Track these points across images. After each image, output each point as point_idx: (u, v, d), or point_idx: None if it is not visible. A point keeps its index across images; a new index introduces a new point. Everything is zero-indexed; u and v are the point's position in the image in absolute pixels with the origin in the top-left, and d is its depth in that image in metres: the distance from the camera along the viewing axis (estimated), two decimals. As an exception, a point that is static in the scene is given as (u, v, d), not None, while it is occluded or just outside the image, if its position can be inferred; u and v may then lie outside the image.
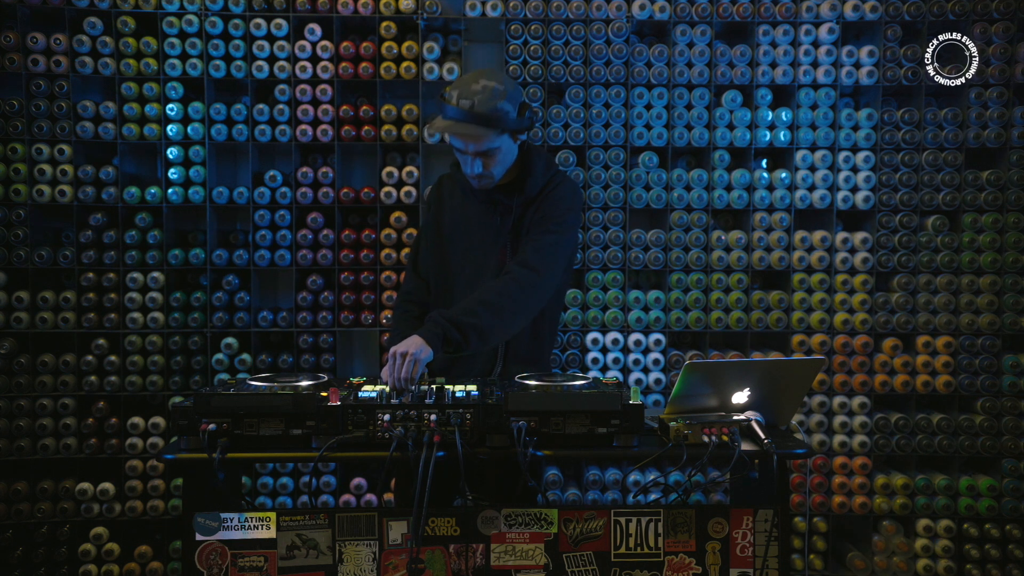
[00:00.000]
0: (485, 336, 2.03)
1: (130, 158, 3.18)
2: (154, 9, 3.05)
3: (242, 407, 1.75)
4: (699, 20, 3.10)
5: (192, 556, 1.79)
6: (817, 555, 3.18)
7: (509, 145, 2.13)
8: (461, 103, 2.04)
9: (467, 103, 2.03)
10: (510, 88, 2.08)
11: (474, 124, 2.03)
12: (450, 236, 2.31)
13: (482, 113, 2.03)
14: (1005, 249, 3.12)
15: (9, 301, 3.04)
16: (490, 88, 2.04)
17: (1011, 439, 3.12)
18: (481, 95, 2.03)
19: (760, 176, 3.17)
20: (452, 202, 2.33)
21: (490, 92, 2.04)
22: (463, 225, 2.28)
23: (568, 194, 2.24)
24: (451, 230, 2.31)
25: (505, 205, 2.22)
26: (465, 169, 2.16)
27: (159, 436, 3.10)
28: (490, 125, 2.04)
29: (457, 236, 2.29)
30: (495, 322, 2.04)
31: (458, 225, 2.29)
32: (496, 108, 2.04)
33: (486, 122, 2.03)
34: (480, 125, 2.03)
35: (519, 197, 2.21)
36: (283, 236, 3.13)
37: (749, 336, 3.18)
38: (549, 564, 1.83)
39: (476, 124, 2.03)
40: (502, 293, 2.06)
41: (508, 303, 2.06)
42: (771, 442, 1.77)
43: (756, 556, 1.86)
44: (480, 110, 2.03)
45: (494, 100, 2.04)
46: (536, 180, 2.20)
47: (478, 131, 2.04)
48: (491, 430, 1.76)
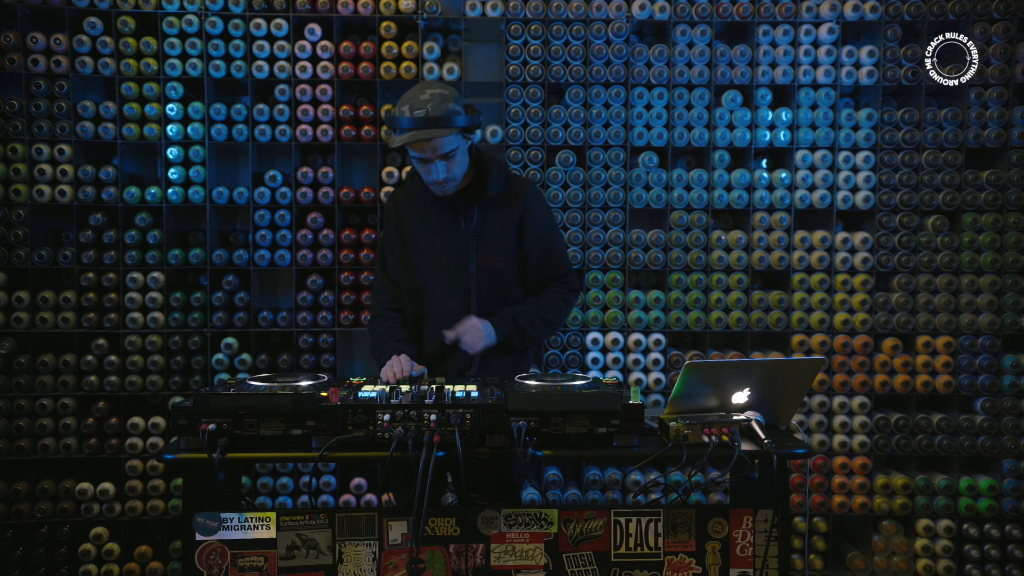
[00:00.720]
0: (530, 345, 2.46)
1: (130, 158, 3.18)
2: (154, 9, 3.05)
3: (242, 407, 1.75)
4: (699, 20, 3.10)
5: (192, 556, 1.79)
6: (817, 555, 3.18)
7: (464, 146, 2.26)
8: (415, 113, 2.15)
9: (421, 111, 2.14)
10: (455, 93, 2.21)
11: (433, 128, 2.14)
12: (415, 246, 2.40)
13: (438, 117, 2.14)
14: (1005, 249, 3.12)
15: (9, 301, 3.04)
16: (438, 94, 2.17)
17: (1011, 439, 3.12)
18: (432, 102, 2.15)
19: (760, 176, 3.17)
20: (412, 213, 2.43)
21: (439, 97, 2.16)
22: (427, 234, 2.39)
23: (542, 201, 2.48)
24: (416, 240, 2.41)
25: (466, 209, 2.34)
26: (430, 177, 2.25)
27: (159, 436, 3.10)
28: (447, 125, 2.15)
29: (423, 245, 2.39)
30: (541, 335, 2.45)
31: (422, 234, 2.40)
32: (449, 110, 2.16)
33: (443, 123, 2.15)
34: (438, 127, 2.14)
35: (480, 200, 2.33)
36: (283, 236, 3.13)
37: (749, 336, 3.18)
38: (549, 564, 1.84)
39: (434, 127, 2.14)
40: (558, 312, 2.44)
41: (556, 321, 2.45)
42: (771, 442, 1.77)
43: (756, 556, 1.86)
44: (435, 114, 2.14)
45: (445, 103, 2.16)
46: (494, 180, 2.34)
47: (438, 133, 2.15)
48: (491, 430, 1.76)
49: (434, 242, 2.38)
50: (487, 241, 2.35)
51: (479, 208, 2.33)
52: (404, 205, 2.46)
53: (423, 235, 2.39)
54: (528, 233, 2.38)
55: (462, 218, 2.34)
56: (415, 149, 2.19)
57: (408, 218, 2.43)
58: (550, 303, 2.43)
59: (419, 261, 2.40)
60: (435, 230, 2.38)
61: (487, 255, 2.35)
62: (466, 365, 2.36)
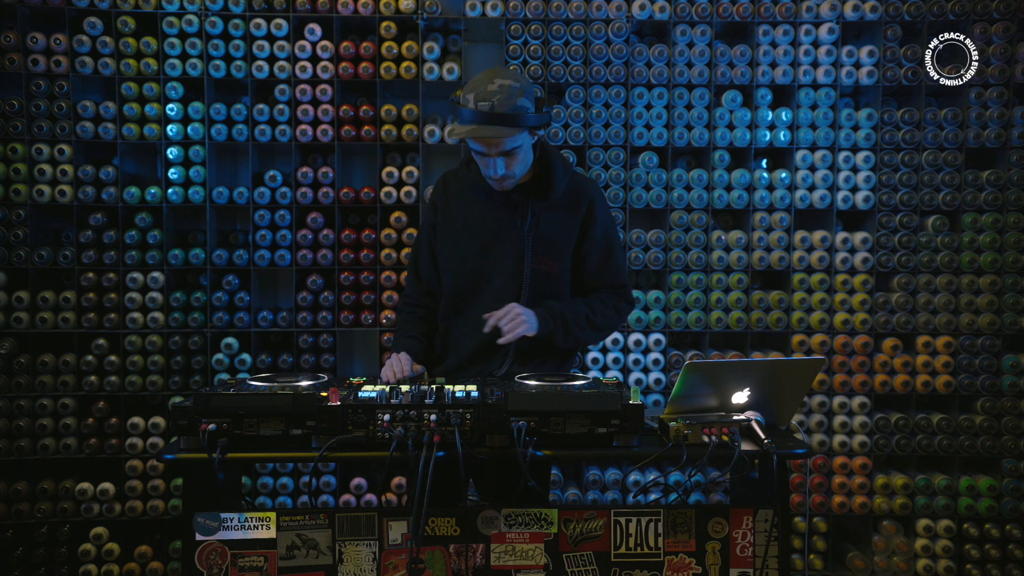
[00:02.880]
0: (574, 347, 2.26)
1: (130, 158, 3.18)
2: (154, 9, 3.06)
3: (242, 407, 1.75)
4: (699, 20, 3.10)
5: (192, 556, 1.79)
6: (817, 555, 3.18)
7: (528, 143, 2.10)
8: (480, 105, 1.98)
9: (486, 104, 1.98)
10: (526, 85, 2.04)
11: (497, 125, 1.99)
12: (466, 237, 2.23)
13: (503, 113, 1.98)
14: (1005, 249, 3.12)
15: (9, 301, 3.04)
16: (507, 87, 2.00)
17: (1011, 439, 3.12)
18: (500, 95, 1.98)
19: (760, 176, 3.17)
20: (463, 201, 2.25)
21: (508, 91, 1.99)
22: (480, 225, 2.21)
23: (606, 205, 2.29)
24: (467, 230, 2.23)
25: (524, 206, 2.17)
26: (487, 171, 2.10)
27: (159, 436, 3.10)
28: (513, 124, 1.99)
29: (474, 237, 2.22)
30: (587, 338, 2.24)
31: (474, 225, 2.22)
32: (517, 106, 2.00)
33: (509, 121, 1.99)
34: (503, 125, 1.99)
35: (542, 201, 2.17)
36: (283, 236, 3.13)
37: (749, 336, 3.18)
38: (549, 564, 1.83)
39: (499, 124, 1.99)
40: (608, 319, 2.23)
41: (606, 328, 2.25)
42: (771, 442, 1.76)
43: (756, 556, 1.86)
44: (501, 110, 1.98)
45: (513, 98, 1.99)
46: (559, 184, 2.18)
47: (502, 131, 1.99)
48: (491, 430, 1.76)
49: (488, 235, 2.19)
50: (544, 243, 2.18)
51: (539, 210, 2.17)
52: (456, 191, 2.27)
53: (477, 226, 2.21)
54: (589, 238, 2.22)
55: (519, 215, 2.17)
56: (476, 141, 2.04)
57: (460, 206, 2.24)
58: (601, 307, 2.23)
59: (471, 252, 2.21)
60: (489, 223, 2.20)
61: (542, 257, 2.18)
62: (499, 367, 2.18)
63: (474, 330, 2.18)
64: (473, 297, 2.22)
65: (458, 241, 2.24)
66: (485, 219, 2.21)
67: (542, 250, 2.18)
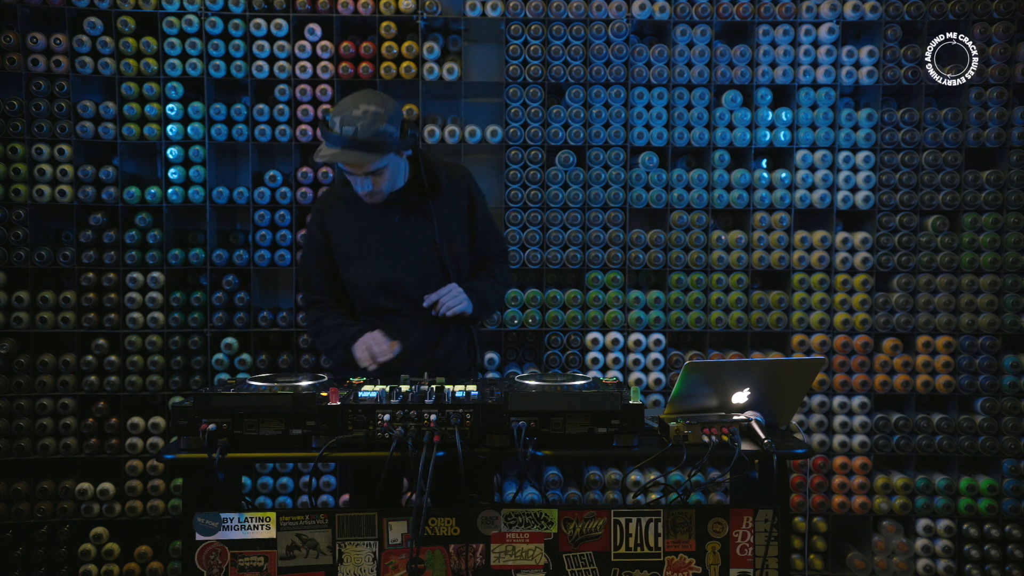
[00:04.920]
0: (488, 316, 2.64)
1: (130, 158, 3.18)
2: (154, 9, 3.05)
3: (242, 407, 1.75)
4: (699, 20, 3.10)
5: (192, 556, 1.79)
6: (817, 555, 3.18)
7: (396, 161, 2.21)
8: (344, 130, 2.08)
9: (350, 130, 2.07)
10: (391, 109, 2.14)
11: (358, 151, 2.08)
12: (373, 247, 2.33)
13: (365, 140, 2.08)
14: (1005, 249, 3.12)
15: (9, 301, 3.04)
16: (371, 112, 2.09)
17: (1011, 439, 3.12)
18: (363, 120, 2.08)
19: (760, 176, 3.17)
20: (355, 216, 2.34)
21: (371, 116, 2.08)
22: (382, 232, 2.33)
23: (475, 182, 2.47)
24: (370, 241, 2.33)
25: (418, 204, 2.32)
26: (356, 188, 2.23)
27: (159, 436, 3.10)
28: (374, 150, 2.10)
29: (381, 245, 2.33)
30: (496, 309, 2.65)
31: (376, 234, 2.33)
32: (379, 132, 2.09)
33: (370, 148, 2.09)
34: (364, 151, 2.09)
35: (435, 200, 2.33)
36: (283, 236, 3.13)
37: (749, 336, 3.18)
38: (549, 564, 1.84)
39: (360, 151, 2.08)
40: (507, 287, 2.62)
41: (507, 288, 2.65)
42: (771, 442, 1.77)
43: (756, 556, 1.86)
44: (363, 137, 2.08)
45: (376, 124, 2.09)
46: (443, 180, 2.34)
47: (363, 157, 2.10)
48: (491, 430, 1.76)
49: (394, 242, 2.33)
50: (449, 231, 2.36)
51: (436, 207, 2.33)
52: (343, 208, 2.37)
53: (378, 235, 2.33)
54: (476, 216, 2.42)
55: (415, 214, 2.33)
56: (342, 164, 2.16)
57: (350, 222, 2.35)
58: (502, 277, 2.51)
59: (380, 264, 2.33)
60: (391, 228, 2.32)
61: (451, 245, 2.37)
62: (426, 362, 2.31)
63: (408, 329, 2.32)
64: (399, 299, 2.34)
65: (358, 254, 2.34)
66: (381, 227, 2.32)
67: (448, 236, 2.36)
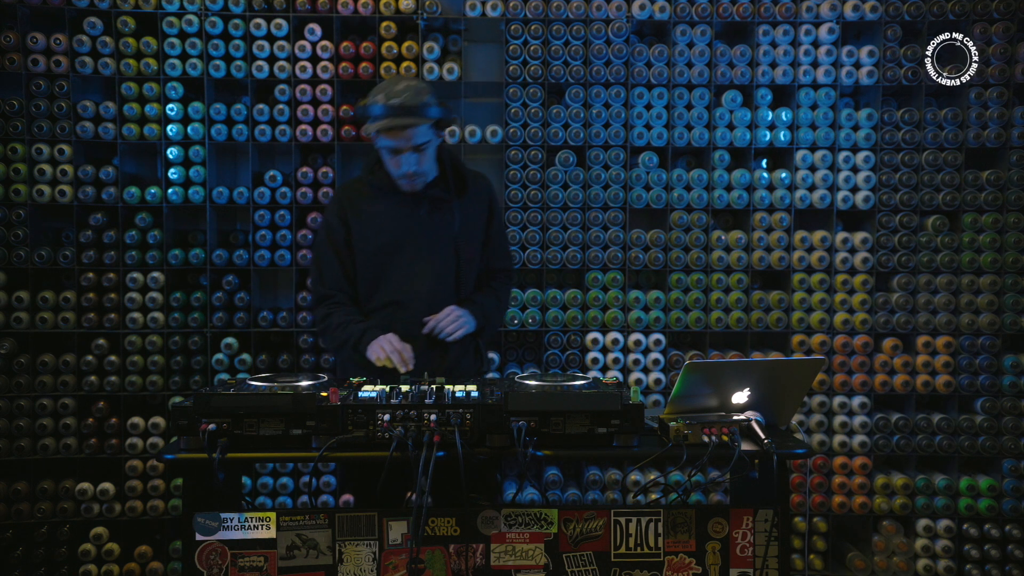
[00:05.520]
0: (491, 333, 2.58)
1: (130, 158, 3.18)
2: (154, 9, 3.05)
3: (242, 407, 1.75)
4: (699, 20, 3.10)
5: (192, 556, 1.79)
6: (817, 555, 3.18)
7: (435, 141, 2.28)
8: (391, 101, 2.16)
9: (396, 100, 2.16)
10: (430, 87, 2.25)
11: (408, 116, 2.16)
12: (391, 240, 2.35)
13: (413, 106, 2.16)
14: (1005, 249, 3.12)
15: (9, 301, 3.04)
16: (412, 86, 2.20)
17: (1011, 439, 3.12)
18: (406, 92, 2.17)
19: (760, 176, 3.17)
20: (375, 208, 2.36)
21: (413, 88, 2.19)
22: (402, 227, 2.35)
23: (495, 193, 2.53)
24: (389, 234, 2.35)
25: (442, 201, 2.35)
26: (400, 170, 2.26)
27: (159, 436, 3.10)
28: (421, 115, 2.17)
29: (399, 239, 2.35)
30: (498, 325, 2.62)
31: (395, 228, 2.35)
32: (424, 101, 2.19)
33: (418, 112, 2.17)
34: (413, 116, 2.16)
35: (460, 197, 2.37)
36: (283, 236, 3.13)
37: (749, 336, 3.18)
38: (549, 564, 1.83)
39: (410, 116, 2.16)
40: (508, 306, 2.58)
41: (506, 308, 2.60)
42: (771, 442, 1.77)
43: (756, 556, 1.86)
44: (410, 103, 2.16)
45: (420, 95, 2.19)
46: (469, 180, 2.40)
47: (413, 121, 2.16)
48: (491, 430, 1.76)
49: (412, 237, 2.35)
50: (467, 234, 2.39)
51: (459, 206, 2.36)
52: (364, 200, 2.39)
53: (397, 229, 2.35)
54: (492, 227, 2.46)
55: (437, 210, 2.36)
56: (389, 137, 2.20)
57: (371, 214, 2.37)
58: (504, 295, 2.54)
59: (397, 257, 2.36)
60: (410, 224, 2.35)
61: (466, 247, 2.39)
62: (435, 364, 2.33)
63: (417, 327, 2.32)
64: (412, 295, 2.35)
65: (381, 246, 2.36)
66: (407, 218, 2.35)
67: (466, 239, 2.39)
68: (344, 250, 2.38)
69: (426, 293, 2.35)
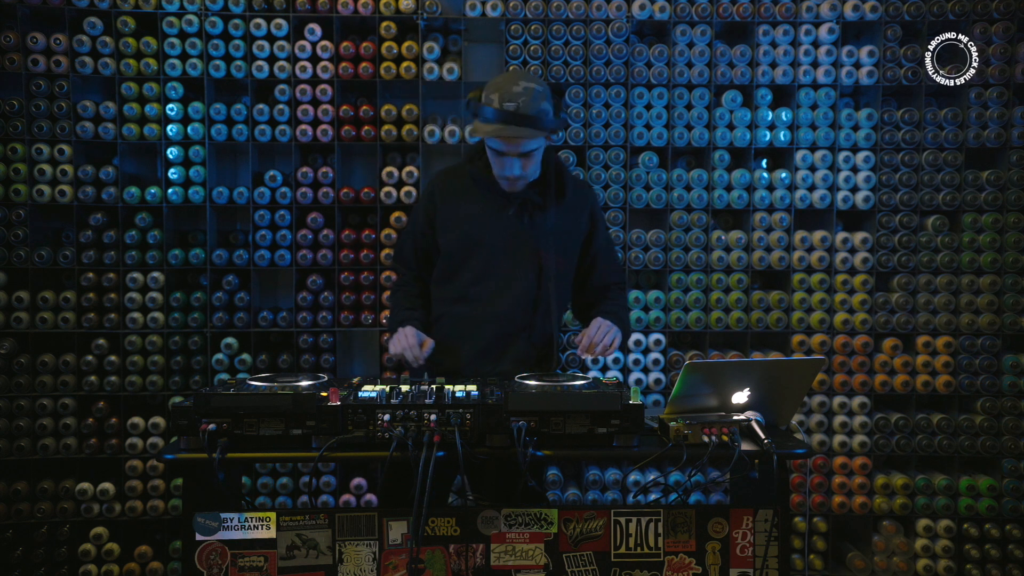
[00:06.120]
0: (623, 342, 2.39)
1: (130, 158, 3.18)
2: (154, 9, 3.05)
3: (242, 407, 1.75)
4: (699, 20, 3.10)
5: (192, 556, 1.79)
6: (817, 555, 3.18)
7: (544, 146, 2.16)
8: (506, 105, 2.02)
9: (512, 105, 2.02)
10: (547, 89, 2.10)
11: (522, 126, 2.03)
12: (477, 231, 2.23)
13: (528, 115, 2.03)
14: (1005, 249, 3.12)
15: (9, 301, 3.04)
16: (531, 90, 2.04)
17: (1011, 439, 3.12)
18: (524, 97, 2.03)
19: (760, 176, 3.17)
20: (468, 197, 2.25)
21: (532, 94, 2.04)
22: (490, 222, 2.22)
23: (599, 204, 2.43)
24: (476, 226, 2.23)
25: (535, 204, 2.22)
26: (503, 171, 2.14)
27: (159, 436, 3.10)
28: (536, 126, 2.04)
29: (485, 232, 2.23)
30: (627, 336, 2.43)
31: (484, 221, 2.23)
32: (540, 109, 2.05)
33: (533, 123, 2.04)
34: (527, 126, 2.04)
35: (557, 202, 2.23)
36: (283, 236, 3.13)
37: (749, 336, 3.18)
38: (549, 564, 1.83)
39: (524, 125, 2.03)
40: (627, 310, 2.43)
41: None
42: (771, 442, 1.76)
43: (756, 556, 1.86)
44: (525, 111, 2.03)
45: (537, 101, 2.04)
46: (570, 186, 2.26)
47: (526, 132, 2.04)
48: (491, 430, 1.76)
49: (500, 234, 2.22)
50: (558, 241, 2.24)
51: (555, 210, 2.23)
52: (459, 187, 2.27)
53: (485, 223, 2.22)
54: (596, 237, 2.31)
55: (528, 213, 2.21)
56: (498, 140, 2.08)
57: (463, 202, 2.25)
58: (625, 305, 2.41)
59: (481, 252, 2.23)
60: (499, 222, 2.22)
61: (556, 255, 2.24)
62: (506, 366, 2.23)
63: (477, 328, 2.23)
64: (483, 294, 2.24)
65: (466, 240, 2.24)
66: (494, 216, 2.23)
67: (556, 248, 2.23)
68: (427, 231, 2.29)
69: (499, 297, 2.22)
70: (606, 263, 2.35)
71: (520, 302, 2.22)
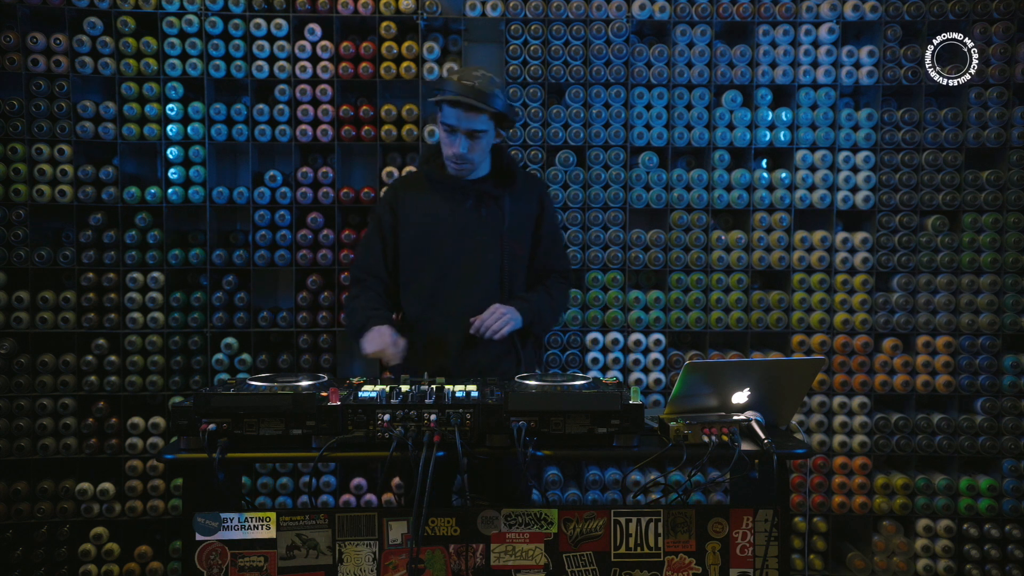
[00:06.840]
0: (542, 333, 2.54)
1: (130, 158, 3.18)
2: (154, 9, 3.05)
3: (242, 407, 1.75)
4: (699, 20, 3.10)
5: (192, 556, 1.79)
6: (817, 555, 3.18)
7: (492, 135, 2.34)
8: (463, 82, 2.25)
9: (469, 83, 2.25)
10: (502, 82, 2.36)
11: (475, 98, 2.23)
12: (438, 230, 2.39)
13: (483, 91, 2.25)
14: (1005, 249, 3.12)
15: (9, 301, 3.04)
16: (488, 76, 2.30)
17: (1011, 439, 3.12)
18: (481, 79, 2.27)
19: (760, 176, 3.17)
20: (425, 199, 2.43)
21: (488, 79, 2.29)
22: (450, 218, 2.39)
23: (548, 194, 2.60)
24: (437, 224, 2.39)
25: (491, 196, 2.40)
26: (452, 149, 2.31)
27: (159, 436, 3.10)
28: (488, 103, 2.24)
29: (446, 229, 2.39)
30: (551, 326, 2.62)
31: (443, 218, 2.39)
32: (494, 92, 2.27)
33: (486, 99, 2.25)
34: (479, 99, 2.23)
35: (509, 193, 2.41)
36: (283, 236, 3.13)
37: (749, 336, 3.18)
38: (549, 564, 1.83)
39: (476, 98, 2.23)
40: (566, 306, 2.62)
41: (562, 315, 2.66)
42: (771, 442, 1.77)
43: (756, 556, 1.86)
44: (481, 88, 2.25)
45: (493, 86, 2.28)
46: (519, 176, 2.45)
47: (480, 104, 2.23)
48: (491, 430, 1.76)
49: (460, 228, 2.38)
50: (513, 230, 2.41)
51: (509, 202, 2.40)
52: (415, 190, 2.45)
53: (444, 219, 2.39)
54: (543, 225, 2.48)
55: (486, 205, 2.40)
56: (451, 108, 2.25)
57: (420, 204, 2.42)
58: (559, 295, 2.52)
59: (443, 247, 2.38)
60: (458, 216, 2.39)
61: (513, 242, 2.41)
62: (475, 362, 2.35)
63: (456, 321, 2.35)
64: (453, 287, 2.38)
65: (429, 236, 2.40)
66: (453, 209, 2.39)
67: (514, 235, 2.41)
68: (389, 237, 2.44)
69: (467, 288, 2.37)
70: (550, 247, 2.51)
71: (488, 291, 2.37)
